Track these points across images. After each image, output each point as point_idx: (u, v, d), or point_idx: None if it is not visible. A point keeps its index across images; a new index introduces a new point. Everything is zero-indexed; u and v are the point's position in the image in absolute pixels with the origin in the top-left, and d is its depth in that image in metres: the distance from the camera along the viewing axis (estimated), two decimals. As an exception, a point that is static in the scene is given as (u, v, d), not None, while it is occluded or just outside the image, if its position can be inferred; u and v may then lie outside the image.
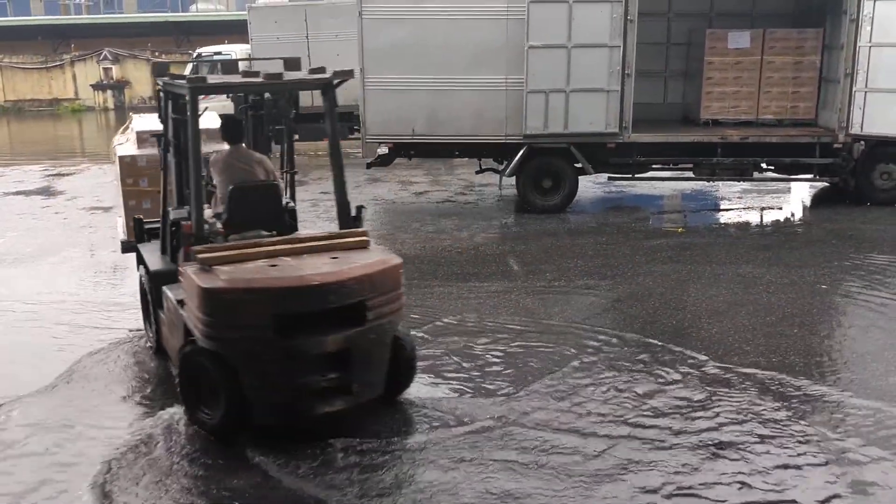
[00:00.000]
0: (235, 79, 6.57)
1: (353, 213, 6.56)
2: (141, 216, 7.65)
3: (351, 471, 5.33)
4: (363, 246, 6.13)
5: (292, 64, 6.83)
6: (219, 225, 6.47)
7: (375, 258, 5.95)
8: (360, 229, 6.37)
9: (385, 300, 5.79)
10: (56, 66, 41.77)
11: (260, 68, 6.56)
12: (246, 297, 5.44)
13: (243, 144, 7.08)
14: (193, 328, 5.69)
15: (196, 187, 6.13)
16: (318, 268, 5.69)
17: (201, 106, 6.28)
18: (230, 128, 7.02)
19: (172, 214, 6.77)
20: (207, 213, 6.47)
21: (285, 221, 6.80)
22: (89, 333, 7.96)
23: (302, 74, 6.69)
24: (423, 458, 5.52)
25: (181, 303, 5.99)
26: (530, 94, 12.34)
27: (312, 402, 5.66)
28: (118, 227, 9.73)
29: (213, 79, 6.68)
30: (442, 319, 8.18)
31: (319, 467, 5.37)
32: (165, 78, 6.66)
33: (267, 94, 7.42)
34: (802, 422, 5.86)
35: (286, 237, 6.35)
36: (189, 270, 5.72)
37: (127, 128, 11.19)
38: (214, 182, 6.78)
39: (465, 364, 7.06)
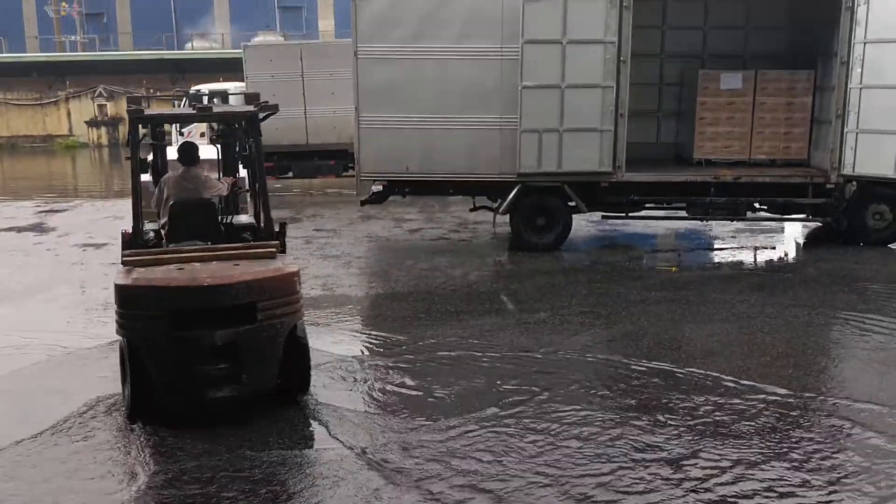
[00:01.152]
0: (169, 111, 7.61)
1: (277, 228, 7.46)
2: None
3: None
4: (270, 256, 6.90)
5: (251, 98, 7.96)
6: (151, 234, 7.57)
7: (272, 266, 6.71)
8: (272, 241, 7.18)
9: (277, 303, 6.51)
10: (51, 102, 41.93)
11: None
12: (146, 293, 6.32)
13: (195, 167, 7.87)
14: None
15: (136, 201, 7.24)
16: (214, 272, 6.50)
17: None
18: (184, 152, 7.92)
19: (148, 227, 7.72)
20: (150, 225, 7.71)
21: (221, 233, 7.58)
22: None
23: (245, 108, 7.75)
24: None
25: None
26: (524, 133, 12.39)
27: (205, 387, 6.45)
28: None
29: (149, 111, 7.73)
30: (426, 352, 8.18)
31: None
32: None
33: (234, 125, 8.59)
34: (795, 463, 5.80)
35: (208, 246, 7.15)
36: (118, 270, 6.74)
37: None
38: (165, 198, 7.67)
39: (418, 388, 7.20)
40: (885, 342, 8.48)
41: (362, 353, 8.34)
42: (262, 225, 7.48)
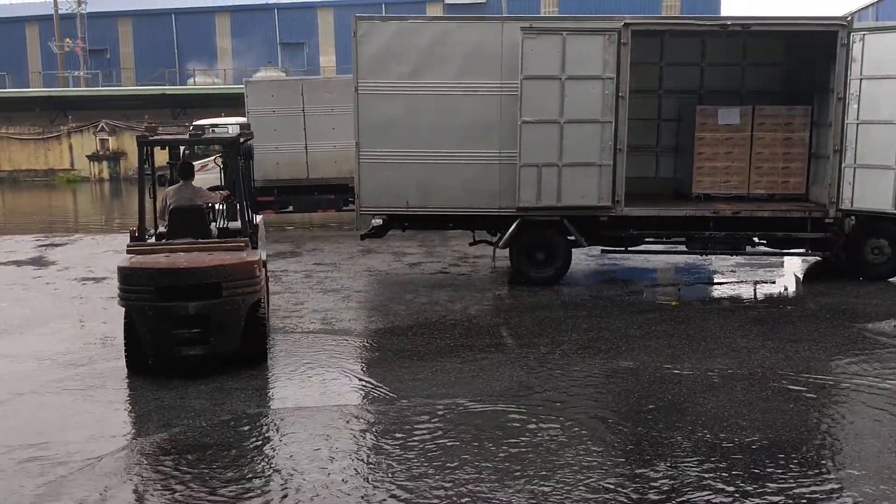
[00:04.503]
0: (168, 136, 10.05)
1: (251, 229, 9.38)
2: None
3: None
4: (239, 249, 8.71)
5: (244, 128, 10.25)
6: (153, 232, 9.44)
7: (237, 256, 8.51)
8: (242, 238, 9.03)
9: (239, 283, 8.31)
10: (53, 136, 42.14)
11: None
12: (139, 273, 8.22)
13: (192, 181, 9.78)
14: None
15: (140, 207, 9.02)
16: (190, 259, 8.37)
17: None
18: (182, 169, 9.93)
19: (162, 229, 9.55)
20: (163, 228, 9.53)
21: (210, 233, 9.36)
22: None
23: (228, 135, 10.06)
24: None
25: None
26: (523, 167, 12.44)
27: (181, 346, 8.28)
28: None
29: (152, 137, 9.27)
30: (424, 384, 8.12)
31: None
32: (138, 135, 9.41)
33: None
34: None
35: (193, 241, 8.83)
36: (122, 257, 8.59)
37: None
38: (167, 205, 9.49)
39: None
40: (882, 383, 8.44)
41: (357, 388, 8.31)
42: (241, 225, 9.33)
